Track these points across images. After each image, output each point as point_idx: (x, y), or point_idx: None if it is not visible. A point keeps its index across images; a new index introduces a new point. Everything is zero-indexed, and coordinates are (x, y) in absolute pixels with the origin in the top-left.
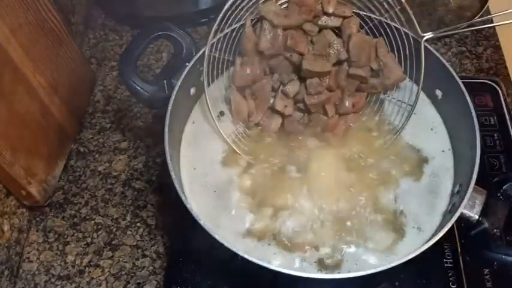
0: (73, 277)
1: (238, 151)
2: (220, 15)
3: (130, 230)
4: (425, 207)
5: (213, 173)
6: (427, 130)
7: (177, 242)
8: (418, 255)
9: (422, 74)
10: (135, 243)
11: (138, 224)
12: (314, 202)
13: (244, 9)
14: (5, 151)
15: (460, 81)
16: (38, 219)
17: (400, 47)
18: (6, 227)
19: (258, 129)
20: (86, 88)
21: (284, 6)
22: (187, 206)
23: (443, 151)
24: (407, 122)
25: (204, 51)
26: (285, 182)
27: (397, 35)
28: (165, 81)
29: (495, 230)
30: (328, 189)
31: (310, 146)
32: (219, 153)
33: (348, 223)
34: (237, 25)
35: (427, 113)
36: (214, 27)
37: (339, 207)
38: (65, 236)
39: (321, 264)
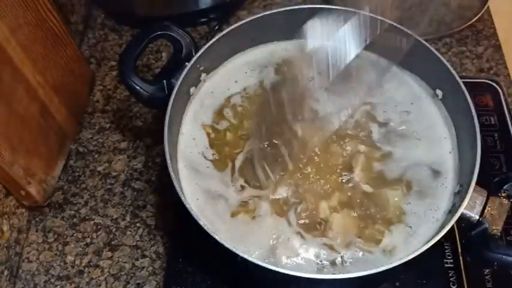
0: (72, 277)
1: None
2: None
3: (130, 231)
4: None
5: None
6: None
7: (177, 242)
8: (418, 255)
9: None
10: (134, 244)
11: (138, 224)
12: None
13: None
14: (5, 151)
15: (460, 81)
16: (37, 219)
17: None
18: (5, 227)
19: None
20: (85, 88)
21: None
22: (187, 206)
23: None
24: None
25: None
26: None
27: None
28: (164, 81)
29: (495, 231)
30: None
31: None
32: None
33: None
34: None
35: (428, 113)
36: None
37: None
38: (65, 236)
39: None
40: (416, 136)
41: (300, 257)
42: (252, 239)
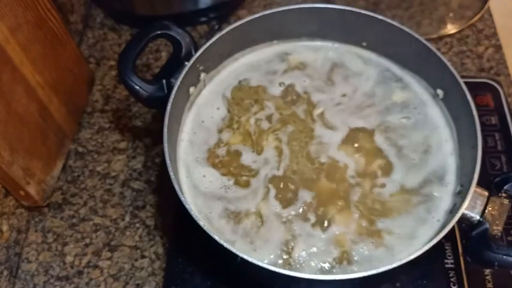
0: (72, 278)
1: None
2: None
3: (129, 231)
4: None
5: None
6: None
7: (176, 242)
8: (419, 256)
9: None
10: (134, 244)
11: (137, 225)
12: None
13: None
14: (4, 151)
15: (461, 81)
16: (36, 219)
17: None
18: (5, 227)
19: None
20: (84, 88)
21: None
22: (187, 206)
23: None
24: None
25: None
26: None
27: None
28: (164, 81)
29: (496, 231)
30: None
31: None
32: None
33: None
34: None
35: (429, 113)
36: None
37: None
38: (64, 237)
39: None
40: (418, 141)
41: (306, 255)
42: (261, 242)
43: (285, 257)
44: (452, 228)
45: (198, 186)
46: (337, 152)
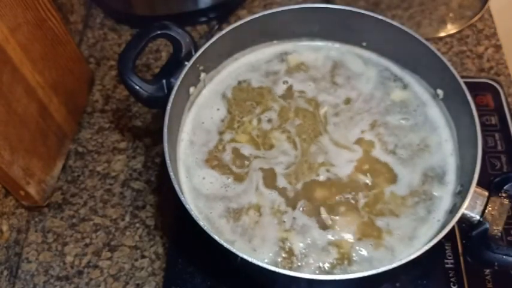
0: (72, 278)
1: None
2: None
3: (129, 231)
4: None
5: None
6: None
7: (177, 242)
8: (419, 255)
9: None
10: (134, 244)
11: (137, 225)
12: None
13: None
14: (4, 151)
15: (461, 81)
16: (36, 219)
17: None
18: (5, 227)
19: None
20: (84, 88)
21: None
22: (187, 206)
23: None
24: None
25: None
26: None
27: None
28: (164, 81)
29: (496, 231)
30: None
31: None
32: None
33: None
34: None
35: (429, 113)
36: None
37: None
38: (64, 237)
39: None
40: (417, 143)
41: (306, 255)
42: (259, 239)
43: (284, 255)
44: (452, 228)
45: (199, 189)
46: (341, 161)
